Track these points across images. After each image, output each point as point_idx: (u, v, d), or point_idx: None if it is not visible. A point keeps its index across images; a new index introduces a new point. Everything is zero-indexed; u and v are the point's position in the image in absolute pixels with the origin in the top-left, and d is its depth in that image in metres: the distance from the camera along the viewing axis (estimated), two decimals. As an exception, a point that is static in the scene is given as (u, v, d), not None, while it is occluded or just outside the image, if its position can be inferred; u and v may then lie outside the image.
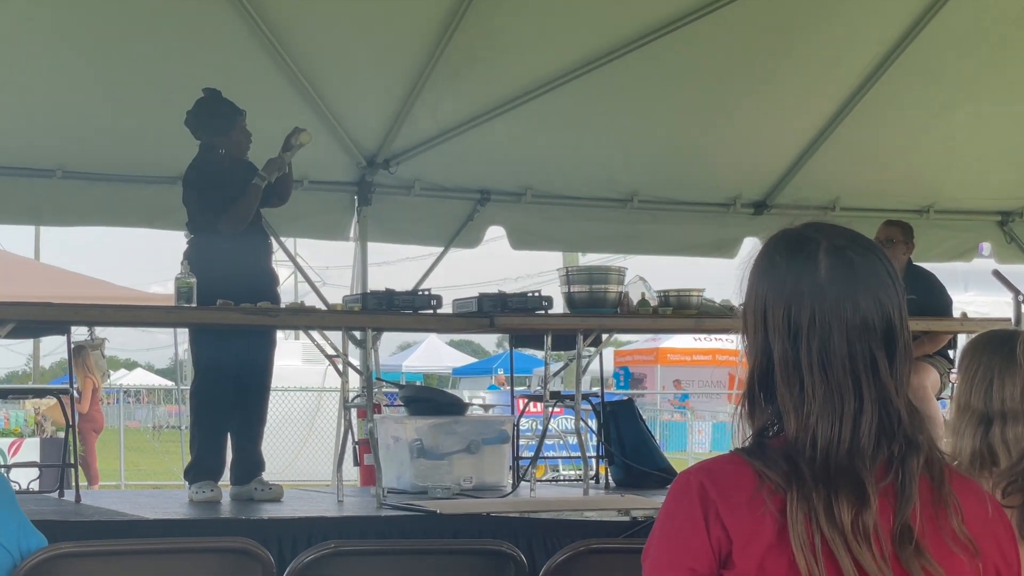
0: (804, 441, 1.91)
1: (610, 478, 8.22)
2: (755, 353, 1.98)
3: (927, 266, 9.20)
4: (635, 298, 7.84)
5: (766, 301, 1.97)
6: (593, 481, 7.91)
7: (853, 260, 1.97)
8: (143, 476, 20.26)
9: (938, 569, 1.88)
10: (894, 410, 1.93)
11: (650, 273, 8.07)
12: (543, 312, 7.48)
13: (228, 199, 7.03)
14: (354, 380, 7.47)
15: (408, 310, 7.19)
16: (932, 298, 8.47)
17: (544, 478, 10.23)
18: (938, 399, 8.49)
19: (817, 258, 1.97)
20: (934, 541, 1.90)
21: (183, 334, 19.30)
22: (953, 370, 8.39)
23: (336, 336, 7.08)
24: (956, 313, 8.76)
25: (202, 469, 7.04)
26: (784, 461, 1.91)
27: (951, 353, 8.73)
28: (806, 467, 1.89)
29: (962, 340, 8.60)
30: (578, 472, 8.74)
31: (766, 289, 1.98)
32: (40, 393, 13.48)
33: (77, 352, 15.04)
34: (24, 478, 9.36)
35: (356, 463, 8.04)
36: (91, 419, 14.01)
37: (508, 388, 11.52)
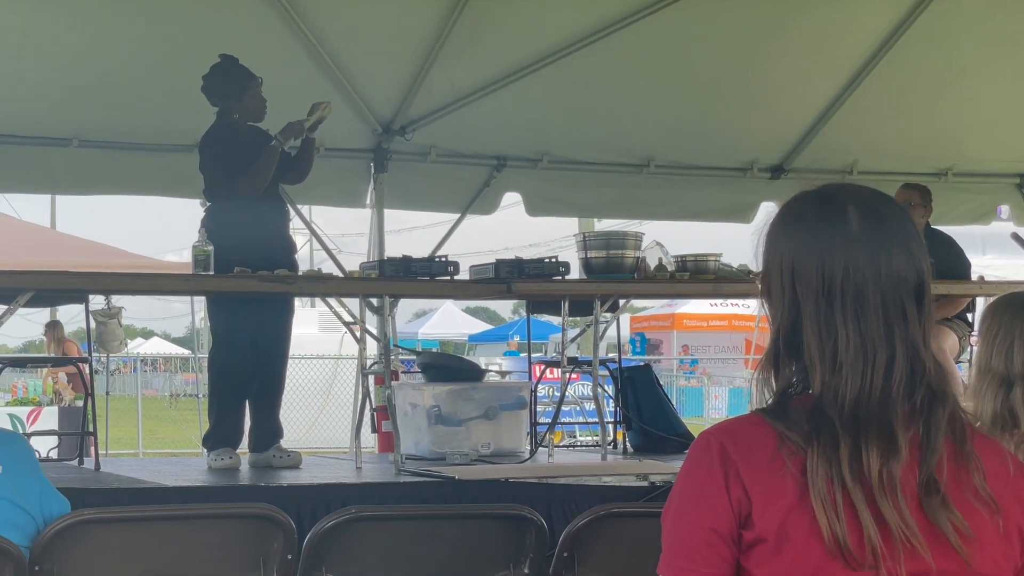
0: (833, 392, 1.91)
1: (628, 443, 8.23)
2: (781, 311, 1.98)
3: (945, 229, 9.17)
4: (652, 263, 7.82)
5: (794, 258, 1.97)
6: (611, 447, 7.91)
7: (883, 213, 1.98)
8: (160, 444, 20.34)
9: (963, 523, 1.88)
10: (920, 362, 1.94)
11: (667, 238, 8.05)
12: (560, 278, 7.47)
13: (244, 163, 7.03)
14: (371, 347, 7.48)
15: (425, 277, 7.18)
16: (951, 261, 8.44)
17: (561, 444, 10.25)
18: (957, 363, 8.47)
19: (847, 212, 1.97)
20: (956, 496, 1.90)
21: (200, 302, 19.38)
22: (972, 333, 8.37)
23: (353, 303, 7.08)
24: (974, 276, 8.73)
25: (221, 436, 7.06)
26: (806, 421, 1.91)
27: (969, 316, 8.71)
28: (835, 416, 1.89)
29: (980, 303, 8.58)
30: (595, 438, 8.75)
31: (794, 246, 1.98)
32: (59, 362, 13.54)
33: (51, 327, 15.11)
34: (44, 446, 9.39)
35: (374, 430, 8.05)
36: (79, 386, 14.11)
37: (525, 354, 11.52)
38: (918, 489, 1.89)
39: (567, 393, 8.09)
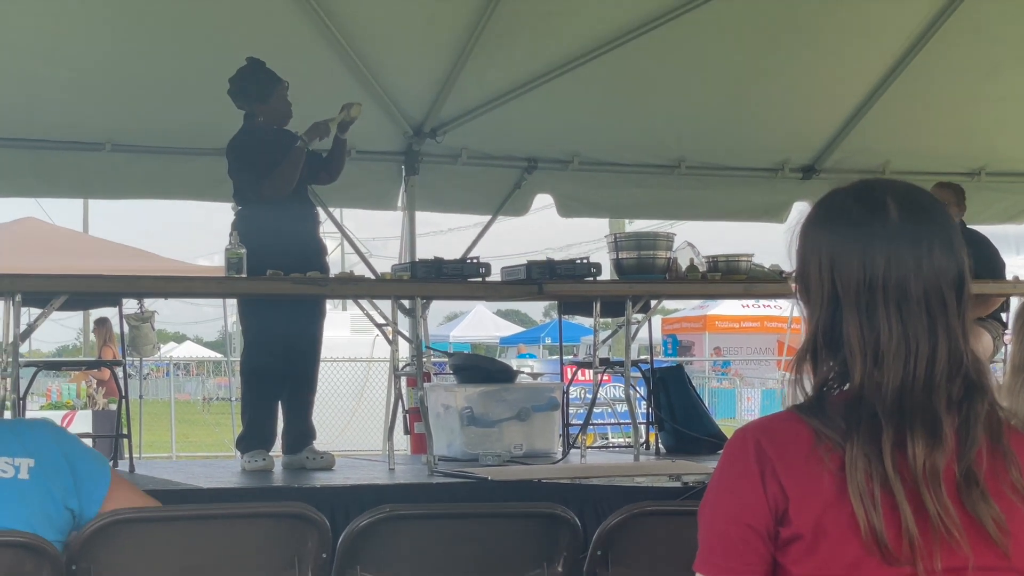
0: (876, 384, 1.91)
1: (660, 444, 8.22)
2: (820, 305, 1.98)
3: (979, 229, 9.12)
4: (683, 264, 7.81)
5: (833, 251, 1.97)
6: (643, 447, 7.91)
7: (922, 205, 1.99)
8: (194, 448, 20.41)
9: (1001, 516, 1.88)
10: (960, 353, 1.94)
11: (698, 239, 8.04)
12: (592, 279, 7.46)
13: (269, 165, 7.05)
14: (403, 349, 7.49)
15: (457, 278, 7.19)
16: (986, 261, 8.40)
17: (594, 445, 10.24)
18: (991, 363, 8.43)
19: (887, 205, 1.97)
20: (993, 490, 1.90)
21: (231, 306, 19.42)
22: (1007, 333, 8.33)
23: (385, 305, 7.10)
24: (1008, 276, 8.69)
25: (254, 438, 7.09)
26: (843, 417, 1.91)
27: (1004, 316, 8.67)
28: (879, 407, 1.89)
29: (1014, 303, 8.54)
30: (627, 439, 8.74)
31: (833, 239, 1.98)
32: (94, 366, 13.61)
33: (100, 323, 15.22)
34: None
35: (406, 431, 8.07)
36: (111, 390, 14.23)
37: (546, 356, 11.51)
38: (957, 481, 1.89)
39: (599, 395, 8.09)
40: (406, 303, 7.09)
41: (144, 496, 3.17)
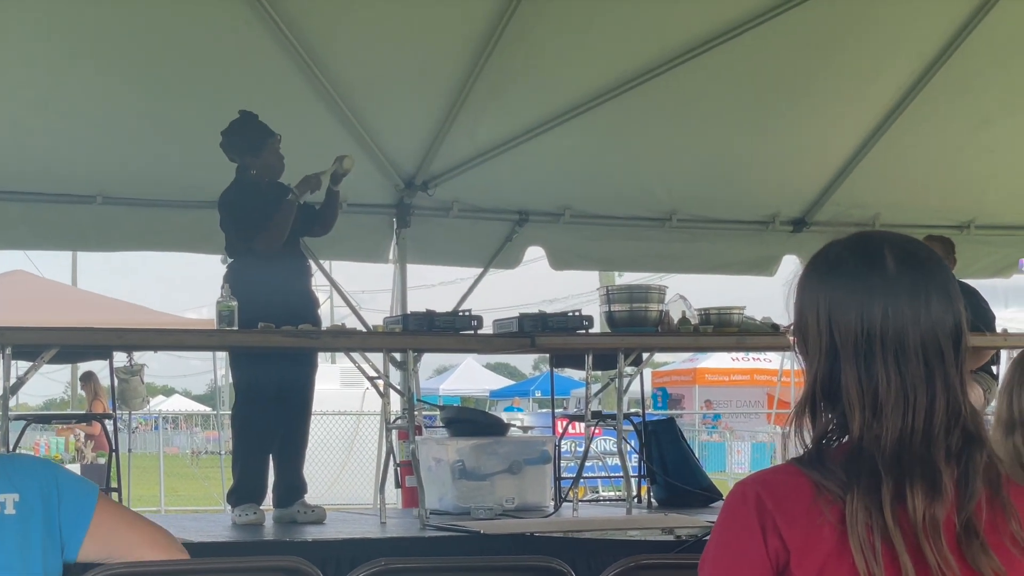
0: (875, 436, 1.90)
1: (652, 498, 8.19)
2: (818, 358, 1.97)
3: (969, 282, 9.14)
4: (675, 317, 7.82)
5: (831, 303, 1.97)
6: (635, 501, 7.88)
7: (919, 257, 1.99)
8: (183, 502, 20.30)
9: (1001, 569, 1.87)
10: (958, 404, 1.94)
11: (689, 292, 8.05)
12: (584, 331, 7.46)
13: (262, 220, 7.05)
14: (394, 402, 7.47)
15: (449, 331, 7.18)
16: (976, 313, 8.41)
17: (584, 499, 10.21)
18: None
19: (884, 257, 1.98)
20: (993, 542, 1.90)
21: (221, 359, 19.40)
22: (998, 387, 8.33)
23: (377, 358, 7.08)
24: (998, 329, 8.71)
25: (245, 492, 7.06)
26: (843, 469, 1.90)
27: (994, 369, 8.68)
28: (878, 459, 1.88)
29: (1004, 355, 8.55)
30: (618, 492, 8.71)
31: (831, 291, 1.98)
32: (83, 419, 13.56)
33: (87, 378, 15.19)
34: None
35: (398, 485, 8.04)
36: (100, 443, 14.20)
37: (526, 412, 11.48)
38: (957, 533, 1.88)
39: (590, 448, 8.07)
40: (398, 356, 7.08)
41: (132, 519, 3.10)
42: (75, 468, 14.33)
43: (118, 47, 8.26)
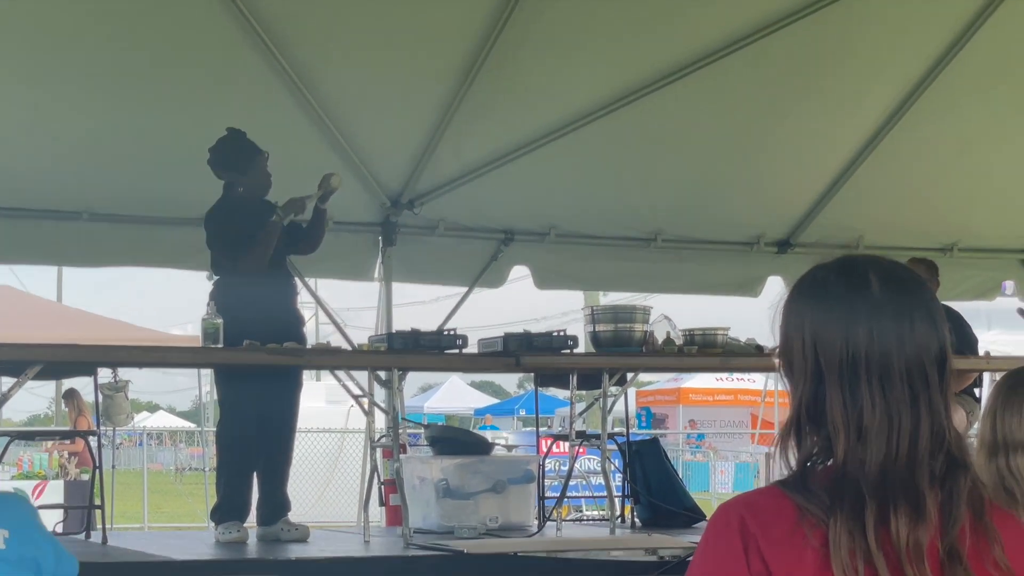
0: (859, 459, 1.91)
1: (636, 518, 8.20)
2: (803, 381, 1.98)
3: (952, 305, 9.17)
4: (660, 337, 7.84)
5: (816, 326, 1.97)
6: (619, 521, 7.89)
7: (904, 280, 2.00)
8: (166, 518, 20.24)
9: None
10: (942, 429, 1.94)
11: (674, 312, 8.08)
12: (569, 351, 7.48)
13: (248, 238, 7.05)
14: (379, 420, 7.48)
15: (434, 350, 7.19)
16: (960, 336, 8.45)
17: (568, 518, 10.21)
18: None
19: (869, 280, 1.98)
20: (976, 566, 1.90)
21: (206, 376, 19.35)
22: (980, 410, 8.36)
23: (361, 376, 7.09)
24: (981, 352, 8.74)
25: (228, 509, 7.05)
26: (826, 493, 1.91)
27: (976, 392, 8.71)
28: (861, 482, 1.89)
29: (987, 378, 8.58)
30: (602, 512, 8.72)
31: (816, 314, 1.98)
32: (67, 436, 13.52)
33: (70, 395, 15.15)
34: (50, 520, 9.36)
35: (381, 503, 8.04)
36: (84, 459, 14.17)
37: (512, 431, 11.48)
38: (941, 558, 1.89)
39: (574, 467, 8.07)
40: (383, 374, 7.09)
41: None
42: (58, 484, 14.30)
43: (105, 65, 8.26)
